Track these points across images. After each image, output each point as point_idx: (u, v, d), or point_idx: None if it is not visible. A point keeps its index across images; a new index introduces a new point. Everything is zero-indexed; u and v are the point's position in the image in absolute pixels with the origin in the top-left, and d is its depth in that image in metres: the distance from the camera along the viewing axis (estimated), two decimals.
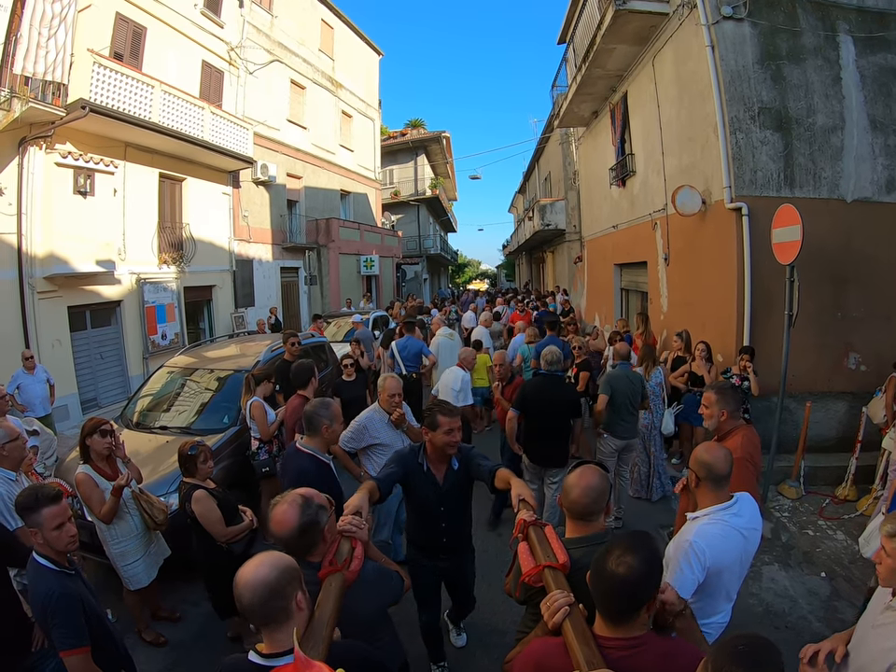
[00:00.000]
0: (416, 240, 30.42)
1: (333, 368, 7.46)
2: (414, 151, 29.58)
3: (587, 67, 9.35)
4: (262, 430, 4.85)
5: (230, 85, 14.42)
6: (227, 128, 12.87)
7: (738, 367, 5.90)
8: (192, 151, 12.16)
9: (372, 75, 23.73)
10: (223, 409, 5.34)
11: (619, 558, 1.51)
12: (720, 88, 6.48)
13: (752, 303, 6.34)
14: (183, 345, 11.93)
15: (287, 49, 16.69)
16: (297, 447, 3.31)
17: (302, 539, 1.95)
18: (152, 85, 10.55)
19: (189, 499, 3.33)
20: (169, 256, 11.91)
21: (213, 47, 13.65)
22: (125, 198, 10.89)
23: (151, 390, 5.86)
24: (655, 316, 8.86)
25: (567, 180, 17.90)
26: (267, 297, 15.64)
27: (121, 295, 10.85)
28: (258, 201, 15.47)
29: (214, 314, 13.85)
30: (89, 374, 10.25)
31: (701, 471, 2.34)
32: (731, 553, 2.25)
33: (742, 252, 6.32)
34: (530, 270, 32.34)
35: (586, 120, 12.57)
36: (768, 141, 6.45)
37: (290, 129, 17.19)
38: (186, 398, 5.57)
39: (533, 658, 1.63)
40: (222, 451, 4.79)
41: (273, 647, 1.55)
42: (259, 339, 7.75)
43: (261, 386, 4.99)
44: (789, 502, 5.85)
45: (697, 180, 7.10)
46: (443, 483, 3.01)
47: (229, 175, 14.14)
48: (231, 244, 14.27)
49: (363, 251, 20.46)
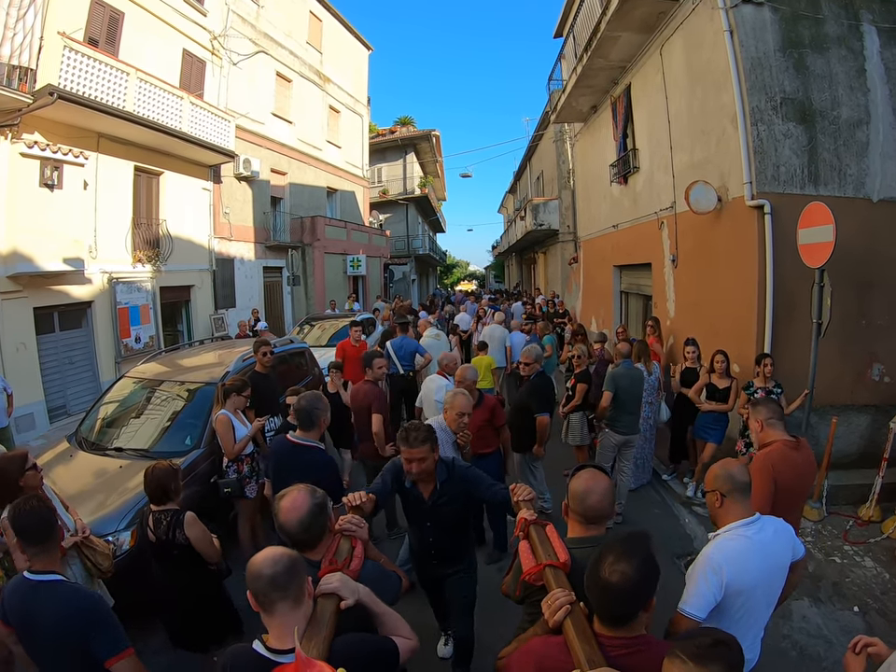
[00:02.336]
0: (405, 240, 30.00)
1: (314, 378, 6.84)
2: (404, 149, 29.30)
3: (589, 57, 8.85)
4: (226, 448, 4.29)
5: (212, 76, 13.80)
6: (207, 119, 12.26)
7: (762, 377, 5.40)
8: (170, 143, 11.53)
9: (361, 70, 23.21)
10: (187, 428, 4.70)
11: (612, 566, 1.50)
12: (739, 76, 6.01)
13: (774, 309, 5.86)
14: (159, 348, 11.30)
15: (273, 41, 16.13)
16: (293, 441, 3.38)
17: (313, 524, 1.96)
18: (127, 72, 9.98)
19: (179, 526, 2.92)
20: (144, 254, 11.24)
21: (195, 35, 13.03)
22: (97, 192, 10.25)
23: (110, 404, 5.20)
24: (661, 322, 8.36)
25: (560, 179, 17.49)
26: (249, 298, 15.02)
27: (92, 295, 10.20)
28: (240, 197, 14.86)
29: (192, 315, 13.19)
30: (57, 380, 9.63)
31: (725, 486, 2.20)
32: (752, 573, 2.08)
33: (763, 253, 5.84)
34: (521, 271, 31.98)
35: (584, 116, 12.09)
36: (791, 134, 5.99)
37: (275, 123, 16.58)
38: (147, 414, 4.91)
39: (533, 656, 1.60)
40: (182, 478, 4.17)
41: (280, 642, 1.56)
42: (239, 344, 7.05)
43: (232, 399, 4.39)
44: (811, 525, 5.46)
45: (712, 176, 6.60)
46: (429, 499, 2.86)
47: (209, 169, 13.52)
48: (210, 242, 13.63)
49: (350, 251, 19.83)
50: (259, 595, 1.57)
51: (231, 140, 13.12)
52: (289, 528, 1.94)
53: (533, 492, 2.47)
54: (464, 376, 4.57)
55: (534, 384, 5.30)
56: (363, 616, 1.83)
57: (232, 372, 5.20)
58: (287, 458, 3.39)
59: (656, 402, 6.38)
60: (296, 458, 3.34)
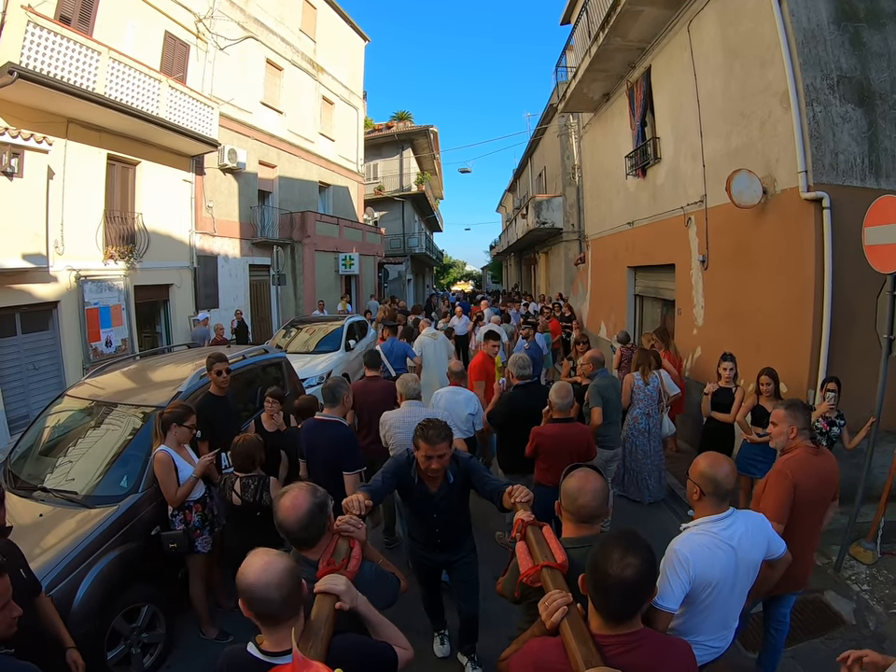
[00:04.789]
0: (400, 238, 29.12)
1: (291, 395, 5.89)
2: (400, 145, 28.60)
3: (605, 36, 8.00)
4: (167, 494, 3.44)
5: (196, 61, 12.95)
6: (188, 105, 11.38)
7: (824, 405, 4.57)
8: (147, 130, 10.69)
9: (357, 61, 22.35)
10: (126, 465, 3.75)
11: (622, 561, 1.49)
12: (790, 49, 5.17)
13: (832, 320, 5.02)
14: (132, 352, 10.47)
15: (263, 26, 15.27)
16: (319, 418, 3.82)
17: (312, 524, 1.94)
18: (98, 51, 9.20)
19: (266, 489, 3.55)
20: (117, 250, 10.34)
21: (178, 17, 12.16)
22: (65, 182, 9.46)
23: (44, 430, 4.26)
24: (686, 331, 7.52)
25: (565, 175, 16.70)
26: (233, 297, 14.11)
27: (58, 295, 9.36)
28: (224, 190, 13.94)
29: (171, 316, 12.28)
30: (19, 388, 8.86)
31: (707, 487, 2.26)
32: (718, 567, 2.16)
33: (821, 255, 4.99)
34: (520, 272, 31.21)
35: (595, 105, 11.23)
36: (850, 117, 5.17)
37: (264, 112, 15.69)
38: (81, 445, 3.95)
39: (531, 658, 1.60)
40: (113, 533, 3.28)
41: (274, 645, 1.57)
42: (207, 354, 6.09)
43: (173, 431, 3.52)
44: (864, 569, 4.76)
45: (754, 164, 5.73)
46: (436, 493, 2.98)
47: (191, 159, 12.62)
48: (191, 237, 12.72)
49: (342, 248, 18.88)
50: (263, 616, 1.55)
51: (214, 128, 12.23)
52: (288, 527, 1.92)
53: (531, 494, 2.46)
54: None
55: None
56: (355, 615, 1.80)
57: (185, 394, 4.22)
58: (316, 434, 3.76)
59: (656, 415, 5.96)
60: (323, 433, 3.73)
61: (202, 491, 3.64)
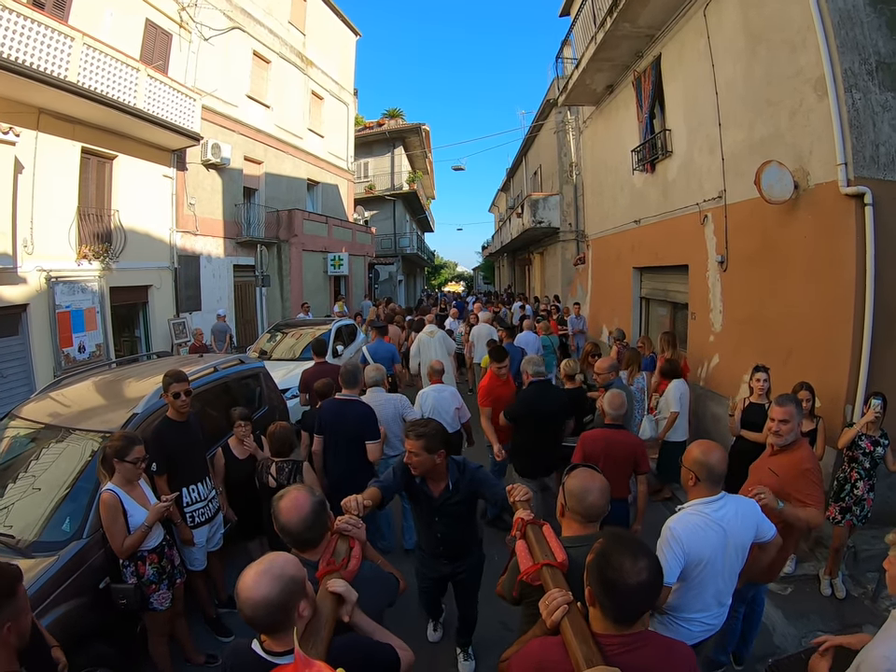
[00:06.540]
0: (391, 238, 28.51)
1: (270, 410, 5.31)
2: (392, 143, 28.03)
3: (613, 21, 7.50)
4: (114, 544, 2.87)
5: (179, 51, 12.35)
6: (168, 96, 10.75)
7: (862, 421, 4.09)
8: (124, 122, 10.07)
9: (348, 55, 21.73)
10: (70, 504, 3.14)
11: (635, 566, 1.47)
12: (826, 31, 4.69)
13: (874, 328, 4.54)
14: (108, 358, 9.86)
15: (250, 17, 14.63)
16: (339, 398, 4.30)
17: (318, 521, 1.95)
18: (72, 37, 8.62)
19: (299, 472, 3.60)
20: (91, 249, 9.71)
21: (160, 4, 11.57)
22: (35, 176, 8.86)
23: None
24: (701, 337, 7.01)
25: (562, 173, 16.23)
26: (217, 299, 13.46)
27: (27, 297, 8.74)
28: (207, 186, 13.29)
29: (151, 320, 11.62)
30: None
31: (702, 473, 2.38)
32: (710, 545, 2.30)
33: (863, 255, 4.50)
34: (513, 273, 30.69)
35: (597, 97, 10.74)
36: (890, 106, 4.70)
37: (251, 106, 15.05)
38: (24, 479, 3.29)
39: (533, 657, 1.60)
40: (54, 587, 2.70)
41: (277, 645, 1.56)
42: (185, 363, 5.36)
43: (120, 468, 2.92)
44: None
45: (784, 156, 5.21)
46: (438, 497, 2.94)
47: (172, 154, 11.99)
48: (172, 236, 12.08)
49: (331, 248, 18.23)
50: (266, 628, 1.54)
51: (196, 121, 11.59)
52: (292, 528, 1.91)
53: (530, 492, 2.44)
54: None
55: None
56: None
57: (142, 416, 3.60)
58: (337, 413, 4.15)
59: (636, 416, 5.79)
60: (343, 411, 4.16)
61: (158, 538, 3.06)
